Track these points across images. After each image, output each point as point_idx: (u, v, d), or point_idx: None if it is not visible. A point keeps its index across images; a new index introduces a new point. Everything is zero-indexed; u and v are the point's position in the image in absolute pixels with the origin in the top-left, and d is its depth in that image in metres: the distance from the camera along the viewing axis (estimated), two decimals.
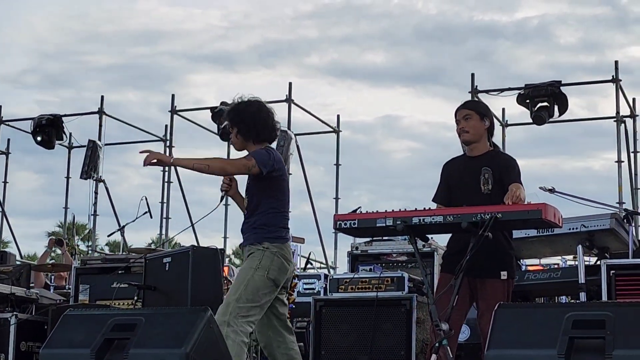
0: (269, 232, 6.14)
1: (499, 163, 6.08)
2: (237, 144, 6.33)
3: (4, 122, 19.09)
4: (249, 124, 6.27)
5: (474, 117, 6.15)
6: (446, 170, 6.31)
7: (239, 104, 6.38)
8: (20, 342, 8.21)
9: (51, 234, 35.37)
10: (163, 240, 17.94)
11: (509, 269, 6.02)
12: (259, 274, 6.05)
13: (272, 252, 6.11)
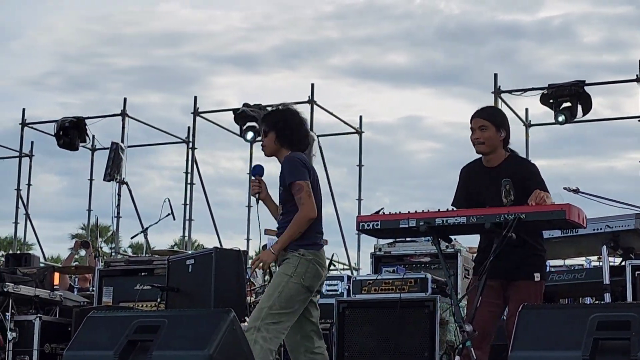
0: (304, 239, 6.12)
1: (520, 172, 5.97)
2: (270, 149, 6.33)
3: (28, 125, 19.17)
4: (288, 130, 6.30)
5: (490, 129, 6.01)
6: (465, 176, 6.22)
7: (278, 110, 6.47)
8: (44, 344, 8.26)
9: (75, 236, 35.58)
10: (186, 242, 17.98)
11: (542, 270, 5.99)
12: (294, 282, 6.04)
13: (308, 260, 6.09)
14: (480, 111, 6.13)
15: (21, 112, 19.20)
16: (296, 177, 6.10)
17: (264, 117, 6.50)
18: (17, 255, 13.44)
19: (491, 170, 6.05)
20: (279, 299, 5.96)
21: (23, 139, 19.31)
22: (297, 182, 6.09)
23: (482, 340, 5.90)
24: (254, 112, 16.52)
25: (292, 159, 6.21)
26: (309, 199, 6.07)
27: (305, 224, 6.06)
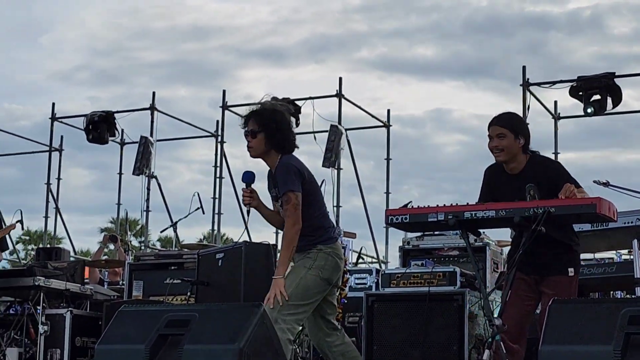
0: (319, 237, 6.13)
1: (545, 174, 5.93)
2: (258, 151, 6.20)
3: (57, 119, 19.28)
4: (279, 133, 6.18)
5: (508, 136, 5.95)
6: (489, 179, 6.17)
7: (267, 109, 6.28)
8: (75, 338, 8.31)
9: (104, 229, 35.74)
10: (215, 236, 18.03)
11: (576, 265, 5.97)
12: (312, 274, 6.05)
13: (326, 253, 6.09)
14: (497, 118, 6.06)
15: (51, 106, 19.34)
16: (288, 186, 6.03)
17: (251, 114, 6.25)
18: (47, 249, 13.54)
19: (514, 177, 6.00)
20: (297, 291, 5.96)
21: (53, 134, 19.42)
22: (287, 192, 6.02)
23: (519, 334, 5.89)
24: (282, 105, 16.53)
25: (287, 165, 6.11)
26: (295, 211, 5.99)
27: (294, 236, 5.99)
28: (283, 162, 6.13)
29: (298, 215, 6.01)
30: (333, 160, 15.82)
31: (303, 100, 16.89)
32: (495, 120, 6.05)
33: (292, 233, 5.99)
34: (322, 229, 6.15)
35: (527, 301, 5.92)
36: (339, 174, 16.39)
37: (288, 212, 6.01)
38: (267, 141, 6.15)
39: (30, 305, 8.40)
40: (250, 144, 6.20)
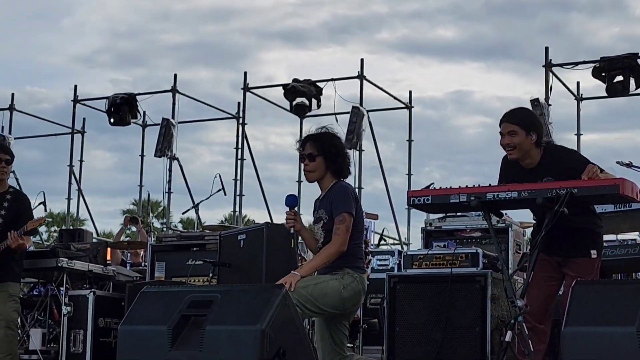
0: (349, 262, 6.10)
1: (562, 165, 5.87)
2: (317, 175, 6.24)
3: (79, 102, 19.33)
4: (340, 157, 6.24)
5: (519, 134, 5.91)
6: (506, 169, 6.12)
7: (327, 134, 6.33)
8: (98, 318, 8.34)
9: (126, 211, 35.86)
10: (236, 217, 18.06)
11: (598, 247, 5.95)
12: (335, 284, 5.99)
13: (353, 277, 6.06)
14: (508, 115, 6.01)
15: (73, 89, 19.39)
16: (346, 208, 6.05)
17: (309, 138, 6.31)
18: (70, 230, 13.59)
19: (530, 171, 5.96)
20: (315, 289, 5.91)
21: (75, 116, 19.48)
22: (344, 213, 6.03)
23: (544, 315, 5.89)
24: (304, 87, 16.55)
25: (347, 188, 6.18)
26: (346, 233, 6.01)
27: (333, 257, 6.00)
28: (343, 185, 6.20)
29: (346, 238, 6.03)
30: (355, 142, 15.80)
31: (324, 82, 16.88)
32: (507, 116, 6.00)
33: (334, 250, 5.99)
34: (355, 258, 6.14)
35: (550, 282, 5.92)
36: (360, 155, 16.39)
37: (339, 231, 6.00)
38: (326, 165, 6.21)
39: (54, 286, 8.44)
40: (309, 168, 6.24)
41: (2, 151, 7.90)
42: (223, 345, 5.09)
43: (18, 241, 7.56)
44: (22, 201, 7.91)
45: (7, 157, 7.85)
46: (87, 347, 8.23)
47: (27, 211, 7.92)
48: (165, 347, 5.24)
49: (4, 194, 7.84)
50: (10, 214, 7.76)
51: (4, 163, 7.80)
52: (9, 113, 19.28)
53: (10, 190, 7.89)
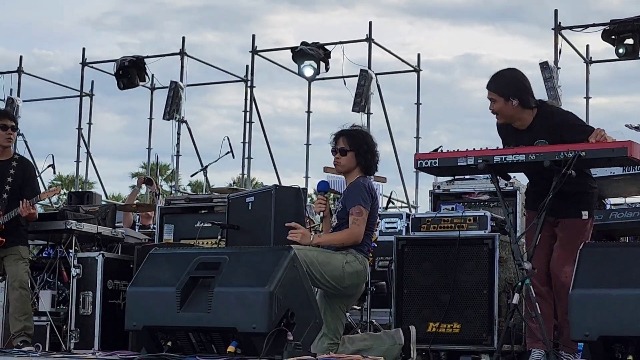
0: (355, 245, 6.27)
1: (554, 127, 5.87)
2: (346, 168, 6.47)
3: (88, 65, 19.29)
4: (370, 155, 6.46)
5: (498, 101, 5.93)
6: (501, 134, 6.16)
7: (361, 131, 6.58)
8: (107, 280, 8.36)
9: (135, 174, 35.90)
10: (245, 180, 18.07)
11: (590, 208, 5.95)
12: (339, 257, 6.17)
13: (356, 257, 6.23)
14: (489, 82, 6.02)
15: (81, 51, 19.34)
16: (360, 201, 6.24)
17: (342, 132, 6.54)
18: (79, 193, 13.62)
19: (523, 132, 5.96)
20: (320, 254, 6.10)
21: (83, 79, 19.45)
22: (360, 205, 6.23)
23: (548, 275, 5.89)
24: (312, 50, 16.49)
25: (364, 184, 6.36)
26: (362, 224, 6.22)
27: (347, 242, 6.23)
28: (360, 181, 6.38)
29: (362, 230, 6.25)
30: (363, 105, 15.77)
31: (333, 45, 16.81)
32: (488, 83, 6.02)
33: (349, 237, 6.23)
34: (361, 243, 6.30)
35: (551, 241, 5.93)
36: (368, 118, 16.35)
37: (357, 222, 6.21)
38: (356, 160, 6.43)
39: (63, 248, 8.46)
40: (340, 161, 6.47)
41: (8, 118, 7.93)
42: (231, 307, 5.12)
43: (29, 210, 7.65)
44: (27, 168, 7.96)
45: (13, 124, 7.89)
46: (96, 309, 8.27)
47: (33, 178, 7.97)
48: (174, 308, 5.28)
49: (9, 161, 7.87)
50: (17, 181, 7.80)
51: (10, 130, 7.84)
52: (17, 76, 19.24)
53: (15, 157, 7.93)
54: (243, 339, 5.08)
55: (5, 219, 7.69)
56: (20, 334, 7.58)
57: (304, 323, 5.30)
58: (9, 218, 7.68)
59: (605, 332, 4.68)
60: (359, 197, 6.26)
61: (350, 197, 6.31)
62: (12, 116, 7.99)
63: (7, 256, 7.74)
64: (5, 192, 7.77)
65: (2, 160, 7.88)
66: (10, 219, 7.68)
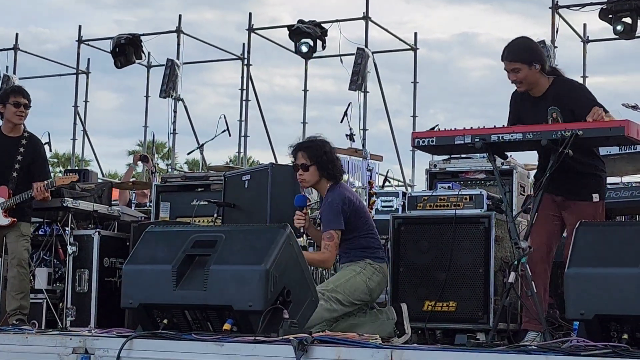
0: (369, 253, 6.48)
1: (567, 96, 5.89)
2: (310, 182, 6.57)
3: (84, 42, 19.25)
4: (330, 163, 6.54)
5: (522, 69, 5.92)
6: (514, 102, 6.18)
7: (315, 141, 6.62)
8: (103, 258, 8.36)
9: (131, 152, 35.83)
10: (241, 158, 18.07)
11: (601, 191, 5.95)
12: (361, 278, 6.36)
13: (374, 267, 6.43)
14: (507, 53, 6.00)
15: (77, 29, 19.29)
16: (331, 225, 6.35)
17: (300, 147, 6.60)
18: (76, 171, 13.58)
19: (537, 99, 5.97)
20: (346, 285, 6.29)
21: (80, 57, 19.41)
22: (330, 230, 6.34)
23: (547, 253, 5.90)
24: (309, 28, 16.46)
25: (332, 203, 6.43)
26: (334, 250, 6.36)
27: (316, 265, 6.58)
28: (329, 198, 6.47)
29: (334, 255, 6.42)
30: (360, 84, 15.76)
31: (329, 23, 16.80)
32: (505, 55, 6.00)
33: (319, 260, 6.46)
34: (373, 249, 6.52)
35: (553, 220, 5.93)
36: (365, 97, 16.35)
37: (329, 248, 6.34)
38: (319, 173, 6.52)
39: (59, 226, 8.46)
40: (303, 177, 6.55)
41: (21, 95, 7.89)
42: (227, 284, 5.13)
43: (44, 194, 7.67)
44: (37, 146, 7.96)
45: (26, 102, 7.87)
46: (92, 287, 8.28)
47: (42, 156, 7.97)
48: (170, 286, 5.28)
49: (19, 138, 7.86)
50: (26, 159, 7.80)
51: (22, 107, 7.83)
52: (13, 53, 19.21)
53: (25, 135, 7.90)
54: (239, 317, 5.09)
55: (17, 200, 7.68)
56: (16, 312, 7.59)
57: (299, 301, 5.31)
58: (20, 200, 7.68)
59: (600, 310, 4.69)
60: (330, 221, 6.37)
61: (323, 221, 6.47)
62: (26, 94, 7.94)
63: (9, 232, 7.75)
64: (15, 171, 7.76)
65: (12, 137, 7.87)
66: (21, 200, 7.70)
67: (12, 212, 7.71)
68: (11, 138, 7.85)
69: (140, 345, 5.05)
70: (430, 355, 4.48)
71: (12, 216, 7.69)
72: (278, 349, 4.69)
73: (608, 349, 4.38)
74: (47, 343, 5.33)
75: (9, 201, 7.67)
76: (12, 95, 7.85)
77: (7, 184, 7.72)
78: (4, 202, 7.68)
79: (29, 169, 7.76)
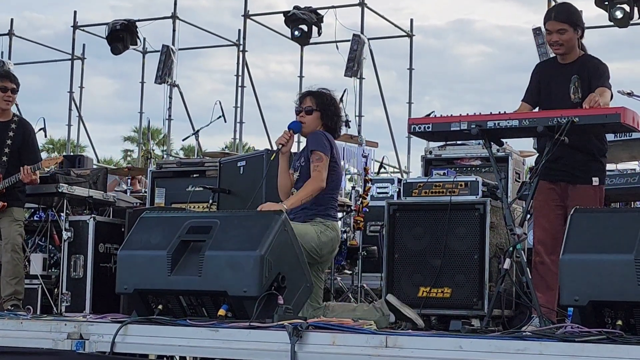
0: (320, 211, 6.28)
1: (589, 70, 5.93)
2: (310, 127, 6.43)
3: (79, 28, 19.22)
4: (335, 117, 6.48)
5: (568, 31, 5.98)
6: (537, 72, 6.22)
7: (327, 93, 6.52)
8: (98, 244, 8.37)
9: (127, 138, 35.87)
10: (237, 145, 18.06)
11: (600, 175, 5.95)
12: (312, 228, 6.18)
13: (326, 225, 6.25)
14: (557, 13, 6.06)
15: (72, 15, 19.26)
16: (319, 147, 6.23)
17: (309, 93, 6.52)
18: (70, 157, 13.57)
19: (564, 66, 6.02)
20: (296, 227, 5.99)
21: (75, 42, 19.37)
22: (318, 151, 6.22)
23: (554, 244, 5.85)
24: (304, 14, 16.45)
25: (318, 132, 6.35)
26: (324, 170, 6.20)
27: (316, 192, 6.19)
28: (318, 131, 6.37)
29: (324, 175, 6.21)
30: (355, 70, 15.75)
31: (325, 10, 16.79)
32: (554, 14, 6.06)
33: (315, 187, 6.18)
34: (326, 207, 6.32)
35: (557, 210, 5.92)
36: (361, 83, 16.35)
37: (318, 168, 6.19)
38: (322, 121, 6.43)
39: (54, 211, 8.46)
40: (305, 119, 6.43)
41: (8, 79, 7.89)
42: (222, 270, 5.13)
43: (31, 177, 7.67)
44: (27, 129, 7.96)
45: (13, 86, 7.86)
46: (87, 272, 8.28)
47: (32, 140, 7.96)
48: (165, 272, 5.28)
49: (8, 122, 7.87)
50: (16, 143, 7.80)
51: (9, 92, 7.82)
52: (8, 39, 19.19)
53: (14, 120, 7.91)
54: (234, 303, 5.09)
55: (5, 183, 7.69)
56: (11, 298, 7.60)
57: (294, 287, 5.31)
58: (9, 183, 7.69)
59: (595, 297, 4.69)
60: (318, 144, 6.25)
61: (309, 145, 6.33)
62: (12, 78, 7.93)
63: (2, 218, 7.77)
64: (5, 155, 7.77)
65: (2, 122, 7.88)
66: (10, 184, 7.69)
67: (2, 196, 7.70)
68: (1, 123, 7.84)
69: (135, 331, 5.06)
70: (424, 341, 4.48)
71: (2, 200, 7.69)
72: (273, 335, 4.69)
73: (602, 335, 4.38)
74: (42, 328, 5.33)
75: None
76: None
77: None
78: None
79: (19, 153, 7.76)
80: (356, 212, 8.63)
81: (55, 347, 5.20)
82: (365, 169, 9.27)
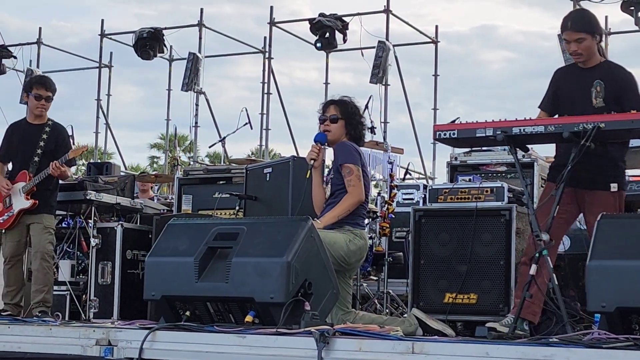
0: (348, 220, 6.30)
1: (615, 79, 5.88)
2: (336, 135, 6.47)
3: (106, 36, 19.33)
4: (360, 125, 6.53)
5: (587, 39, 5.92)
6: (556, 78, 6.18)
7: (351, 102, 6.58)
8: (126, 250, 8.42)
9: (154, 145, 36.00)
10: (263, 151, 18.10)
11: (619, 181, 5.93)
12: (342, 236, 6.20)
13: (355, 233, 6.28)
14: (573, 22, 6.00)
15: (99, 23, 19.39)
16: (348, 160, 6.28)
17: (333, 101, 6.56)
18: (98, 164, 13.64)
19: (585, 71, 5.98)
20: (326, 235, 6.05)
21: (102, 50, 19.49)
22: (348, 164, 6.27)
23: (553, 247, 5.88)
24: (330, 22, 16.47)
25: (345, 143, 6.39)
26: (359, 182, 6.26)
27: (354, 206, 6.25)
28: (343, 141, 6.42)
29: (362, 188, 6.28)
30: (380, 77, 15.76)
31: (350, 17, 16.80)
32: (570, 24, 6.00)
33: (354, 200, 6.26)
34: (354, 215, 6.34)
35: (562, 214, 5.88)
36: (386, 90, 16.35)
37: (352, 182, 6.25)
38: (346, 130, 6.47)
39: (82, 218, 8.52)
40: (329, 128, 6.47)
41: (44, 87, 7.94)
42: (249, 277, 5.14)
43: (60, 169, 7.70)
44: (60, 134, 8.02)
45: (49, 94, 7.92)
46: (115, 279, 8.34)
47: (65, 142, 8.02)
48: (192, 278, 5.30)
49: (43, 125, 7.95)
50: (49, 145, 7.87)
51: (43, 100, 7.90)
52: (36, 47, 19.32)
53: (49, 123, 7.98)
54: (261, 309, 5.11)
55: (36, 180, 7.73)
56: (39, 305, 7.63)
57: (321, 293, 5.33)
58: (39, 179, 7.72)
59: (622, 303, 4.68)
60: (346, 156, 6.30)
61: (338, 158, 6.36)
62: (48, 85, 7.96)
63: (32, 224, 7.79)
64: (37, 156, 7.84)
65: (36, 125, 7.97)
66: (41, 180, 7.72)
67: (33, 195, 7.75)
68: (35, 125, 7.95)
69: (162, 337, 5.09)
70: (451, 348, 4.48)
71: (33, 198, 7.73)
72: (300, 341, 4.71)
73: (630, 341, 4.37)
74: (71, 335, 5.37)
75: (29, 183, 7.72)
76: (35, 87, 7.93)
77: (28, 169, 7.78)
78: (24, 185, 7.74)
79: (52, 155, 7.81)
80: (382, 218, 8.63)
81: (84, 353, 5.23)
82: (390, 175, 9.26)
